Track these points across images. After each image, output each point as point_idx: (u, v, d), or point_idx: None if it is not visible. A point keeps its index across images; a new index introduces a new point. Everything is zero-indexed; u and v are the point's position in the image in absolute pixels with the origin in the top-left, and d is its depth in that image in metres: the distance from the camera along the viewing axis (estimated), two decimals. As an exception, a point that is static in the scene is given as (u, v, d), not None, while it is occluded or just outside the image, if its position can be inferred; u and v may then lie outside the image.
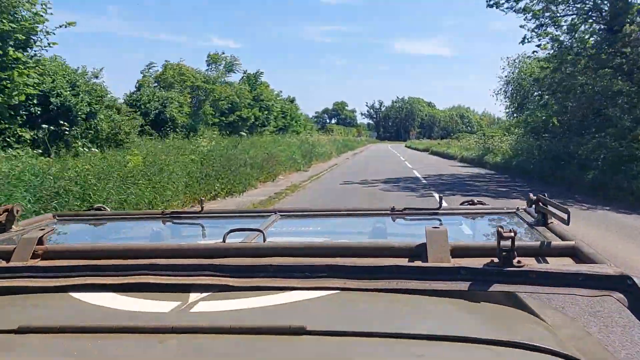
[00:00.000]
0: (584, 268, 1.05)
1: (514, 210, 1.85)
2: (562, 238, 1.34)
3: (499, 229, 1.07)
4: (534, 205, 1.64)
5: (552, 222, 1.52)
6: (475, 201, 2.07)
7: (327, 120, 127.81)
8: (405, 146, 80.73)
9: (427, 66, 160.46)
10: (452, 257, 1.13)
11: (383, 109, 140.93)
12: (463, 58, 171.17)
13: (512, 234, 1.05)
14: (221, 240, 1.34)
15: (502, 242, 1.06)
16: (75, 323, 0.95)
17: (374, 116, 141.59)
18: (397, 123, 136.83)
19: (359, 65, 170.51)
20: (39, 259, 1.28)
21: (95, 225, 2.07)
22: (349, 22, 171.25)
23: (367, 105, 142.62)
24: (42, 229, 1.41)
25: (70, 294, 1.13)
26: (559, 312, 1.63)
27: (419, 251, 1.18)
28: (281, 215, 1.89)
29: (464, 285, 1.05)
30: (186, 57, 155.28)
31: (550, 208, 1.53)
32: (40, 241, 1.31)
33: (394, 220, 1.92)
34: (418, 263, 1.12)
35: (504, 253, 1.06)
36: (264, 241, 1.36)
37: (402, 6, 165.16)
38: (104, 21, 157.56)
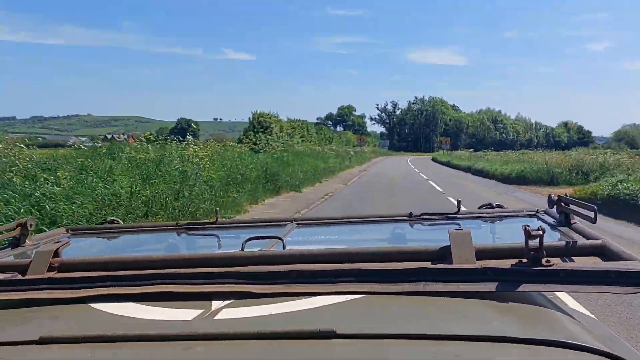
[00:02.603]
0: (614, 265, 1.03)
1: (534, 212, 1.81)
2: (588, 237, 1.30)
3: (527, 227, 1.06)
4: (555, 206, 1.61)
5: (575, 222, 1.48)
6: (494, 205, 2.02)
7: (332, 128, 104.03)
8: (436, 160, 56.99)
9: (442, 75, 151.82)
10: (477, 259, 1.12)
11: (398, 112, 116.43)
12: (478, 67, 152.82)
13: (541, 232, 1.04)
14: (239, 249, 1.33)
15: (530, 242, 1.05)
16: (97, 333, 0.93)
17: (387, 121, 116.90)
18: (415, 129, 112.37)
19: (371, 75, 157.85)
20: (55, 272, 1.27)
21: (109, 239, 1.99)
22: (362, 33, 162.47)
23: (377, 108, 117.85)
24: (57, 242, 1.42)
25: (90, 305, 1.13)
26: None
27: (443, 254, 1.16)
28: (297, 224, 1.88)
29: (492, 286, 1.04)
30: (201, 69, 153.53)
31: (573, 207, 1.50)
32: (56, 254, 1.31)
33: (412, 226, 1.89)
34: (444, 265, 1.11)
35: (532, 252, 1.05)
36: (283, 249, 1.35)
37: (414, 16, 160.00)
38: (119, 35, 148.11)
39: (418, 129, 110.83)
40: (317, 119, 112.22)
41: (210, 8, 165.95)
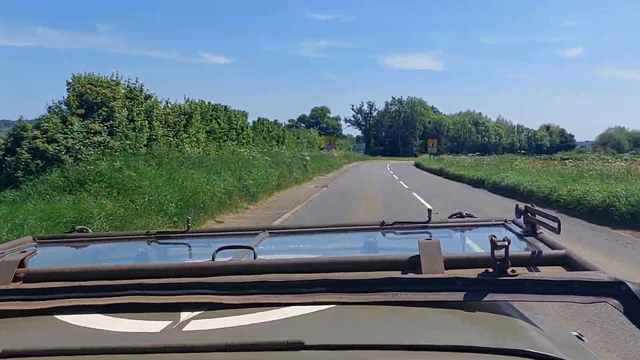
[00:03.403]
0: (577, 275, 1.05)
1: (502, 221, 1.85)
2: (552, 247, 1.32)
3: (492, 238, 1.07)
4: (522, 216, 1.64)
5: (541, 232, 1.50)
6: (464, 214, 2.03)
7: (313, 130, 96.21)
8: (421, 167, 48.94)
9: (420, 80, 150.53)
10: (446, 269, 1.13)
11: (374, 113, 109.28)
12: (455, 72, 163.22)
13: (506, 243, 1.05)
14: (210, 259, 1.32)
15: (496, 252, 1.06)
16: (62, 345, 0.93)
17: (363, 124, 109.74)
18: (392, 132, 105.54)
19: (349, 79, 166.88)
20: (20, 282, 1.25)
21: (77, 248, 1.95)
22: (341, 38, 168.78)
23: (353, 109, 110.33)
24: (23, 252, 1.39)
25: (56, 317, 1.11)
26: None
27: (412, 263, 1.17)
28: (270, 233, 1.87)
29: (459, 296, 1.05)
30: (176, 73, 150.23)
31: (539, 218, 1.52)
32: (21, 264, 1.28)
33: (384, 235, 1.90)
34: (413, 275, 1.12)
35: (498, 262, 1.07)
36: (254, 258, 1.34)
37: (392, 22, 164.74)
38: (95, 38, 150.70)
39: (396, 132, 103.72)
40: (289, 121, 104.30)
41: (187, 12, 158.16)
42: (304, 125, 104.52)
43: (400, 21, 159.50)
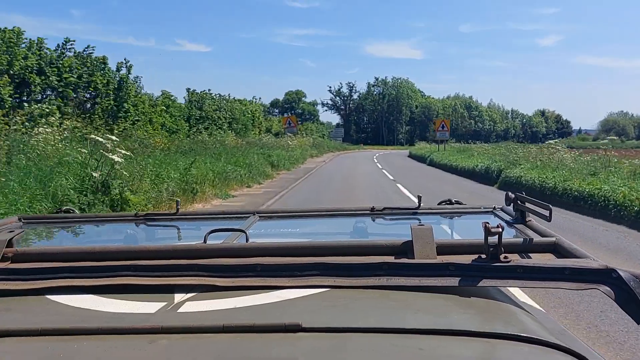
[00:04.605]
0: (569, 263, 1.07)
1: (492, 209, 1.84)
2: (542, 235, 1.34)
3: (486, 224, 1.08)
4: (512, 204, 1.64)
5: (530, 220, 1.51)
6: (453, 201, 2.02)
7: (278, 117, 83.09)
8: (424, 161, 36.54)
9: (400, 68, 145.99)
10: (438, 254, 1.15)
11: (355, 96, 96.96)
12: (435, 60, 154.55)
13: (500, 230, 1.06)
14: (202, 241, 1.30)
15: (490, 238, 1.07)
16: (54, 325, 0.91)
17: (342, 108, 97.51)
18: (376, 118, 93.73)
19: (328, 67, 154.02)
20: (9, 262, 1.24)
21: (64, 228, 1.93)
22: (320, 26, 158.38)
23: (330, 92, 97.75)
24: (10, 231, 1.37)
25: (47, 297, 1.10)
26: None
27: (405, 248, 1.18)
28: (260, 217, 1.85)
29: (453, 281, 1.07)
30: (154, 60, 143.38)
31: (529, 205, 1.53)
32: (9, 243, 1.27)
33: (373, 220, 1.90)
34: (407, 260, 1.13)
35: (491, 249, 1.08)
36: (246, 241, 1.33)
37: (372, 9, 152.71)
38: (68, 25, 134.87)
39: (380, 117, 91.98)
40: (262, 106, 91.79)
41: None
42: (277, 111, 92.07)
43: (379, 9, 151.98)
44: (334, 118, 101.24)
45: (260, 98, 54.57)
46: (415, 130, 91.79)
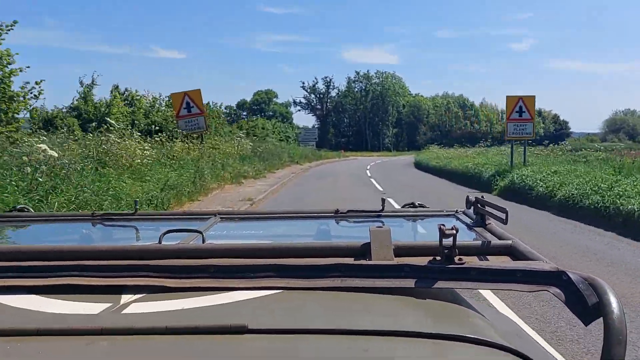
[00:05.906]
0: (521, 265, 1.08)
1: (453, 212, 1.88)
2: (500, 238, 1.37)
3: (441, 227, 1.09)
4: (472, 207, 1.68)
5: (489, 224, 1.54)
6: (417, 204, 2.06)
7: (245, 119, 69.49)
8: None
9: (378, 74, 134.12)
10: (395, 256, 1.16)
11: (333, 93, 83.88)
12: (412, 65, 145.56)
13: (454, 232, 1.07)
14: (157, 242, 1.29)
15: (444, 240, 1.09)
16: None
17: (318, 107, 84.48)
18: (358, 119, 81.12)
19: (305, 72, 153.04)
20: None
21: (16, 228, 1.89)
22: (296, 32, 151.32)
23: (304, 88, 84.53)
24: None
25: None
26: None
27: (363, 250, 1.19)
28: (221, 218, 1.83)
29: (408, 282, 1.08)
30: (131, 68, 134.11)
31: (488, 209, 1.56)
32: None
33: (337, 223, 1.90)
34: (362, 261, 1.13)
35: (445, 251, 1.09)
36: (202, 243, 1.32)
37: (348, 16, 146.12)
38: (42, 33, 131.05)
39: (362, 118, 79.32)
40: (225, 108, 78.27)
41: (138, 4, 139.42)
42: (244, 113, 78.85)
43: (356, 15, 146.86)
44: (309, 120, 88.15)
45: (221, 103, 42.57)
46: (402, 134, 79.72)
